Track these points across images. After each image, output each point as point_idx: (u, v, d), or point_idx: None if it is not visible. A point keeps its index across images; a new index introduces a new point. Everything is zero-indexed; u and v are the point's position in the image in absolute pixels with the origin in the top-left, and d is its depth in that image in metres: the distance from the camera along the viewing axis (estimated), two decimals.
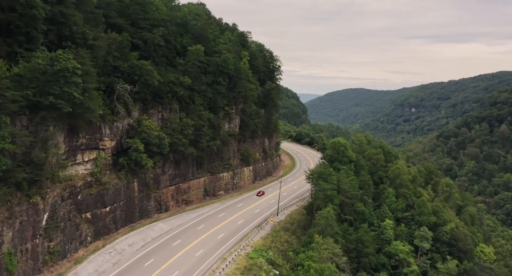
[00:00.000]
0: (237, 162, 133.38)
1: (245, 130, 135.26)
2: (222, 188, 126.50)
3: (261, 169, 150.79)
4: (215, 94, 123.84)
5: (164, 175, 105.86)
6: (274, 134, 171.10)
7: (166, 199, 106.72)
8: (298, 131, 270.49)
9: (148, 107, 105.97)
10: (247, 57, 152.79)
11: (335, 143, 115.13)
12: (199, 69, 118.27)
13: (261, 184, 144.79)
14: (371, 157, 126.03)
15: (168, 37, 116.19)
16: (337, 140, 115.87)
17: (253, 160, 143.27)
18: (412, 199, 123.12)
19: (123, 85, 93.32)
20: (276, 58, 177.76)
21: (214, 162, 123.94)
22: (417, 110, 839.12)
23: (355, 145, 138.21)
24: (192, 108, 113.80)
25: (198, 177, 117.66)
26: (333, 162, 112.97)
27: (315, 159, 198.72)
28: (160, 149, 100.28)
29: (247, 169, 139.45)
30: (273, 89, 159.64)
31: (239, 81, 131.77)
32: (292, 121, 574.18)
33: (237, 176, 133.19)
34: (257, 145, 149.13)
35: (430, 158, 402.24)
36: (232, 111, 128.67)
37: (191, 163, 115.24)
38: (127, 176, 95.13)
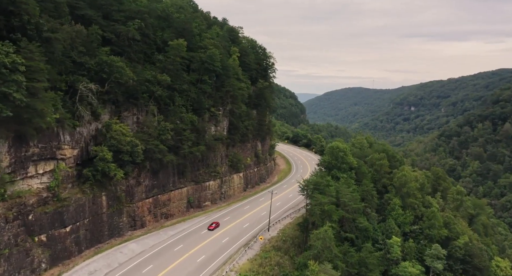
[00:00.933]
0: (225, 169, 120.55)
1: (234, 133, 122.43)
2: (208, 199, 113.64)
3: (253, 175, 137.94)
4: (199, 94, 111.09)
5: (139, 186, 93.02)
6: (268, 137, 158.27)
7: (142, 214, 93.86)
8: (295, 133, 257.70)
9: (121, 110, 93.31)
10: (237, 54, 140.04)
11: (333, 148, 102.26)
12: (181, 66, 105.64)
13: (253, 192, 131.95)
14: (374, 163, 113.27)
15: (146, 31, 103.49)
16: (336, 145, 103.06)
17: (243, 166, 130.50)
18: (420, 209, 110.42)
19: (86, 84, 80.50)
20: (269, 55, 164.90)
21: (199, 170, 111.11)
22: (417, 109, 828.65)
23: (356, 148, 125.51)
24: (172, 110, 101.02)
25: (180, 187, 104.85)
26: (331, 170, 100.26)
27: (312, 162, 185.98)
28: (133, 157, 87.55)
29: (237, 176, 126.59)
30: (266, 88, 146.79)
31: (227, 79, 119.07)
32: (290, 121, 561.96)
33: (226, 184, 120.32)
34: (248, 149, 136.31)
35: (432, 158, 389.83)
36: (219, 112, 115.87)
37: (172, 172, 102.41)
38: (93, 189, 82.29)
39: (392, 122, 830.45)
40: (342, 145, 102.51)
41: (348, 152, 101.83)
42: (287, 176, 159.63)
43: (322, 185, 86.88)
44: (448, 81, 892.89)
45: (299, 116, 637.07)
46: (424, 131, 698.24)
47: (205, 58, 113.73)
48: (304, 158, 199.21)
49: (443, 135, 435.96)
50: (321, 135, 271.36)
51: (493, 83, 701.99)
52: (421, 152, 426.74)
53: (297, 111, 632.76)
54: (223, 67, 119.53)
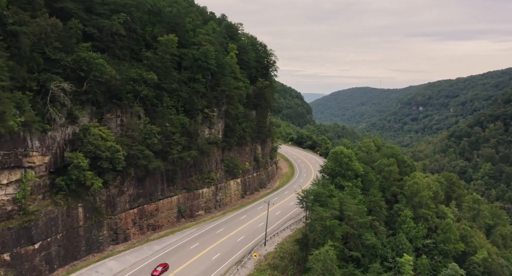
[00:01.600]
0: (221, 175, 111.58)
1: (230, 136, 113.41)
2: (202, 207, 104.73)
3: (252, 181, 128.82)
4: (191, 94, 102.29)
5: (122, 196, 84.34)
6: (269, 139, 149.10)
7: (125, 226, 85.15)
8: (300, 134, 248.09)
9: (103, 111, 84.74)
10: (235, 51, 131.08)
11: (337, 153, 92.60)
12: (171, 64, 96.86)
13: (252, 199, 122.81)
14: (382, 169, 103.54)
15: (133, 26, 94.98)
16: (340, 149, 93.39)
17: (241, 171, 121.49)
18: (434, 220, 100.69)
19: (59, 83, 71.95)
20: (270, 52, 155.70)
21: (191, 176, 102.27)
22: (425, 108, 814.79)
23: (362, 152, 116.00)
24: (160, 111, 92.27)
25: (169, 195, 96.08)
26: (334, 177, 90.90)
27: (317, 165, 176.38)
28: (113, 164, 78.93)
29: (233, 182, 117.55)
30: (266, 87, 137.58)
31: (223, 78, 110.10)
32: (296, 122, 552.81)
33: (221, 192, 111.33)
34: (246, 153, 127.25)
35: (442, 159, 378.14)
36: (214, 114, 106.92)
37: (160, 179, 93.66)
38: (67, 201, 73.77)
39: (400, 123, 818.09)
40: (346, 150, 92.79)
41: (353, 158, 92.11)
42: (290, 181, 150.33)
43: (324, 196, 77.53)
44: (456, 81, 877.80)
45: (305, 116, 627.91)
46: (433, 131, 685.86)
47: (198, 55, 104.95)
48: (308, 160, 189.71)
49: (453, 136, 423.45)
50: (326, 136, 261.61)
51: (503, 82, 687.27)
52: (431, 153, 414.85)
53: (303, 112, 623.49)
54: (218, 65, 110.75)
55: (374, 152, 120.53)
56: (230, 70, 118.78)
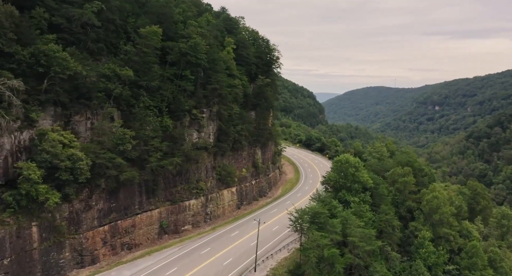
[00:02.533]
0: (212, 184, 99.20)
1: (223, 140, 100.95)
2: (189, 221, 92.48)
3: (250, 189, 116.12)
4: (177, 93, 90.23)
5: (89, 211, 72.48)
6: (271, 142, 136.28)
7: (93, 246, 73.28)
8: (308, 136, 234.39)
9: (71, 113, 73.11)
10: (232, 45, 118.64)
11: (341, 161, 79.14)
12: (152, 59, 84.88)
13: (248, 211, 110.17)
14: (395, 180, 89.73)
15: (111, 16, 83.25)
16: (345, 158, 79.73)
17: (237, 179, 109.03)
18: (457, 241, 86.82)
19: (5, 81, 60.41)
20: (273, 47, 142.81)
21: (176, 186, 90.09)
22: (441, 108, 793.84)
23: (374, 158, 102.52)
24: (137, 112, 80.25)
25: (149, 208, 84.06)
26: (339, 190, 77.78)
27: (325, 170, 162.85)
28: (75, 175, 67.19)
29: (227, 192, 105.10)
30: (266, 85, 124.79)
31: (214, 75, 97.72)
32: (308, 122, 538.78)
33: (212, 203, 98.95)
34: (243, 159, 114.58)
35: (460, 162, 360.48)
36: (203, 115, 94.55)
37: (138, 190, 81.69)
38: (17, 219, 62.23)
39: (415, 122, 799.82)
40: (353, 158, 79.06)
41: (361, 167, 78.52)
42: (293, 188, 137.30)
43: (323, 216, 64.54)
44: (474, 79, 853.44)
45: (318, 116, 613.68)
46: (449, 131, 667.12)
47: (186, 49, 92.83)
48: (316, 165, 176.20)
49: (472, 137, 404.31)
50: (337, 137, 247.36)
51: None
52: (448, 155, 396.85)
53: (315, 112, 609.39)
54: (210, 60, 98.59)
55: (386, 158, 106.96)
56: (225, 67, 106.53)
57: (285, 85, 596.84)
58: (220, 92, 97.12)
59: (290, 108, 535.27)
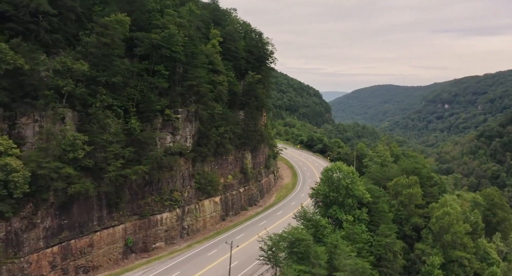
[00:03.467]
0: (190, 194, 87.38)
1: (203, 144, 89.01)
2: (161, 238, 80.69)
3: (237, 198, 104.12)
4: (147, 91, 78.58)
5: (33, 230, 61.00)
6: (263, 145, 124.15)
7: (38, 272, 61.77)
8: (310, 136, 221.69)
9: (16, 115, 61.86)
10: (219, 38, 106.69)
11: (331, 171, 66.28)
12: (114, 51, 73.27)
13: (234, 222, 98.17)
14: (399, 192, 76.72)
15: (70, 3, 71.68)
16: (337, 167, 66.84)
17: (221, 187, 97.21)
18: (473, 265, 73.84)
19: None
20: (266, 41, 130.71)
21: (145, 198, 78.39)
22: (451, 106, 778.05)
23: (375, 163, 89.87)
24: (94, 113, 68.64)
25: (111, 224, 72.48)
26: (329, 206, 65.37)
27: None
28: (8, 189, 55.84)
29: (209, 202, 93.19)
30: (257, 82, 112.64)
31: (191, 70, 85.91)
32: (314, 121, 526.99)
33: (190, 216, 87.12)
34: (229, 164, 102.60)
35: (471, 162, 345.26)
36: (177, 116, 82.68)
37: (97, 204, 70.12)
38: None
39: (424, 121, 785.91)
40: (346, 168, 66.46)
41: (355, 179, 65.68)
42: (289, 195, 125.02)
43: (304, 245, 52.08)
44: (484, 77, 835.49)
45: (324, 115, 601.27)
46: (459, 130, 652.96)
47: (159, 41, 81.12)
48: (315, 168, 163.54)
49: (483, 136, 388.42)
50: (338, 138, 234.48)
51: None
52: (458, 155, 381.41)
53: (321, 110, 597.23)
54: (188, 53, 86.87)
55: (390, 163, 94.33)
56: (208, 61, 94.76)
57: (290, 84, 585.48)
58: (199, 89, 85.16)
59: (295, 107, 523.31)
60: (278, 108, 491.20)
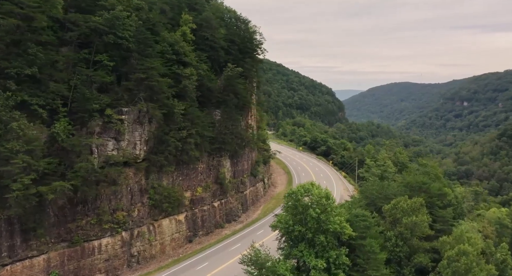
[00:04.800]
0: (141, 213, 71.06)
1: (159, 151, 72.50)
2: (100, 269, 64.48)
3: (210, 214, 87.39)
4: (81, 86, 62.68)
5: None
6: (249, 149, 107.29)
7: None
8: (313, 137, 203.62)
9: None
10: (191, 25, 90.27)
11: (295, 194, 47.67)
12: (30, 36, 57.62)
13: (204, 245, 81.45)
14: (398, 219, 57.97)
15: None
16: (305, 188, 48.22)
17: (188, 202, 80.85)
18: None
19: None
20: (253, 29, 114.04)
21: (76, 220, 62.25)
22: (470, 104, 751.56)
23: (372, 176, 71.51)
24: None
25: (27, 255, 56.60)
26: (296, 243, 47.47)
27: (323, 182, 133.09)
28: None
29: (169, 222, 76.69)
30: (239, 76, 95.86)
31: (143, 60, 69.74)
32: (326, 120, 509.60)
33: (142, 239, 70.76)
34: (199, 174, 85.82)
35: (492, 164, 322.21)
36: (121, 117, 66.43)
37: (6, 230, 54.35)
38: None
39: (442, 119, 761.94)
40: (317, 191, 47.74)
41: (331, 206, 47.22)
42: (278, 207, 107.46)
43: None
44: (505, 73, 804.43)
45: (337, 114, 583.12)
46: (479, 129, 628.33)
47: (100, 24, 65.24)
48: (315, 174, 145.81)
49: (505, 135, 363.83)
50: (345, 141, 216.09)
51: None
52: (478, 156, 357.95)
53: (334, 109, 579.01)
54: (138, 40, 70.78)
55: (392, 174, 76.32)
56: (171, 51, 78.73)
57: (301, 82, 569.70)
58: (151, 84, 68.72)
59: (306, 105, 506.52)
60: (288, 107, 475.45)
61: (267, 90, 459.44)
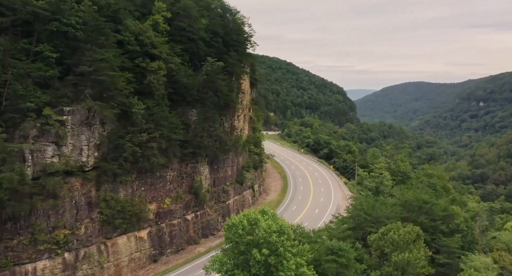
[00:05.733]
0: (90, 229, 60.50)
1: (113, 158, 61.92)
2: None
3: (181, 229, 76.33)
4: (18, 81, 52.72)
5: None
6: (233, 154, 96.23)
7: None
8: (316, 139, 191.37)
9: None
10: (164, 13, 79.70)
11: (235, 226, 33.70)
12: None
13: (171, 266, 70.74)
14: (387, 254, 44.72)
15: None
16: (250, 218, 35.61)
17: (153, 215, 70.19)
18: None
19: None
20: (241, 20, 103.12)
21: (3, 241, 51.99)
22: (486, 104, 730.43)
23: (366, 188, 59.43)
24: None
25: None
26: None
27: (321, 189, 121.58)
28: None
29: (127, 240, 66.02)
30: (219, 72, 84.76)
31: (91, 51, 59.25)
32: (336, 120, 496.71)
33: (90, 261, 60.22)
34: (168, 183, 74.84)
35: (508, 167, 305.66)
36: (61, 118, 55.99)
37: None
38: None
39: (457, 120, 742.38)
40: (267, 222, 34.46)
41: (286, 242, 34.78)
42: None
43: None
44: None
45: (348, 114, 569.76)
46: (495, 130, 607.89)
47: (41, 9, 55.11)
48: (313, 180, 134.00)
49: None
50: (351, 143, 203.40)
51: None
52: (494, 158, 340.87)
53: (345, 109, 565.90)
54: (92, 28, 60.44)
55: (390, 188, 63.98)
56: (134, 41, 68.37)
57: (312, 81, 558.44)
58: (99, 78, 58.13)
59: (316, 105, 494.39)
60: (298, 106, 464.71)
61: (276, 89, 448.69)
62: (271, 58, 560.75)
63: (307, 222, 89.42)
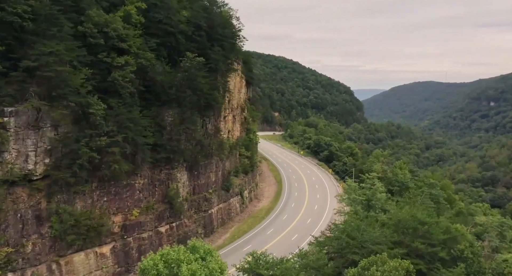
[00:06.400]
0: (39, 247, 53.11)
1: (67, 165, 54.48)
2: None
3: (150, 243, 68.59)
4: None
5: None
6: (216, 159, 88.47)
7: None
8: (316, 140, 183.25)
9: None
10: (138, 4, 72.29)
11: (148, 270, 27.82)
12: None
13: None
14: None
15: None
16: (170, 259, 27.59)
17: (118, 228, 62.77)
18: None
19: None
20: (228, 13, 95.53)
21: None
22: (497, 104, 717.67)
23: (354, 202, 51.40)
24: None
25: None
26: None
27: (316, 196, 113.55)
28: None
29: (87, 256, 58.53)
30: (200, 69, 77.11)
31: (37, 43, 51.90)
32: (343, 120, 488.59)
33: None
34: (137, 191, 67.45)
35: None
36: (1, 120, 48.70)
37: None
38: None
39: (467, 120, 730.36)
40: (190, 267, 24.59)
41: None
42: (253, 229, 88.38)
43: None
44: None
45: (355, 114, 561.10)
46: (506, 130, 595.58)
47: None
48: (309, 185, 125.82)
49: None
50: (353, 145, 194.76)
51: None
52: (505, 160, 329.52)
53: (352, 109, 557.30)
54: (44, 18, 53.16)
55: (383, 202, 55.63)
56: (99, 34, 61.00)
57: (318, 80, 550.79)
58: (46, 74, 50.73)
59: (322, 105, 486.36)
60: (303, 106, 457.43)
61: (281, 88, 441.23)
62: (277, 57, 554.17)
63: (297, 233, 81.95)
